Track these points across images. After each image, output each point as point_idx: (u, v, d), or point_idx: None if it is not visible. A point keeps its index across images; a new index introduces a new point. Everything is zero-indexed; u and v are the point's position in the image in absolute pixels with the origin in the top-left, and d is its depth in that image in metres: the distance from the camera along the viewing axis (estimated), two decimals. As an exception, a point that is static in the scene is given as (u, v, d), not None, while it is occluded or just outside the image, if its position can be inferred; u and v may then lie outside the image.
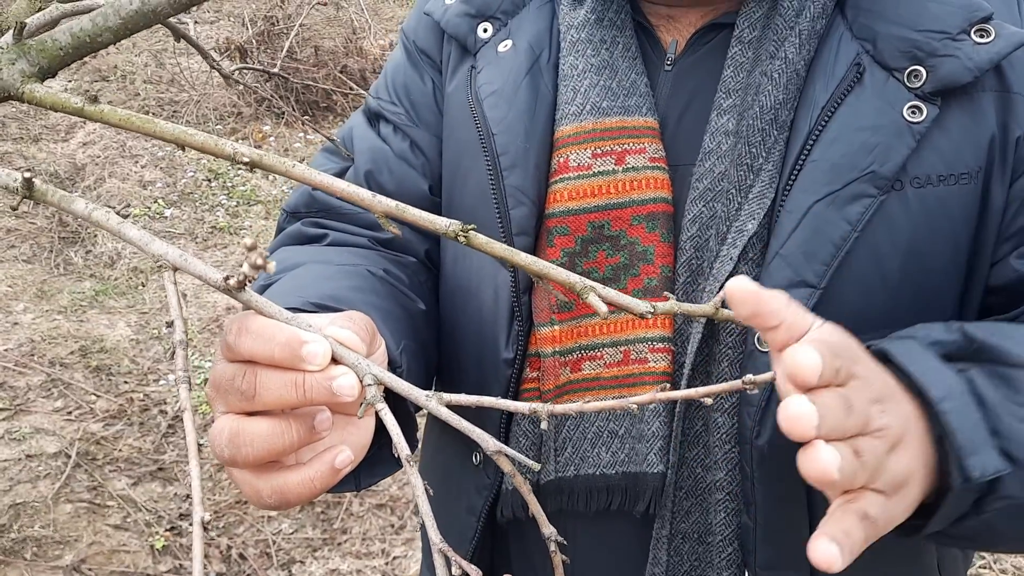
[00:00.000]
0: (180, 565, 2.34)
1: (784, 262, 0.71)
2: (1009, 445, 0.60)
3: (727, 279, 0.69)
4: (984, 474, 0.58)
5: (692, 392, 0.41)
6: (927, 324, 0.70)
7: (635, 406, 0.41)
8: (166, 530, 2.42)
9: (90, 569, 2.29)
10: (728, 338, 0.75)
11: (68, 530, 2.39)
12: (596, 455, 0.79)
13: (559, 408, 0.42)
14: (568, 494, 0.79)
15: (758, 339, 0.72)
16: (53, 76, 0.52)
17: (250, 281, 0.40)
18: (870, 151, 0.70)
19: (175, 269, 0.45)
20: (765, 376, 0.41)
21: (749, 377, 0.40)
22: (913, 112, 0.70)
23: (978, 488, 0.59)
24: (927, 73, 0.70)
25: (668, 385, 0.75)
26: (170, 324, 0.44)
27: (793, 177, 0.72)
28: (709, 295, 0.73)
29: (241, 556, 2.37)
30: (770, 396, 0.72)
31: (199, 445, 0.42)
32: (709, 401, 0.42)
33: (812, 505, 0.75)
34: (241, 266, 0.38)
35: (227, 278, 0.44)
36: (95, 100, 0.49)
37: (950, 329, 0.68)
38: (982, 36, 0.70)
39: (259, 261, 0.38)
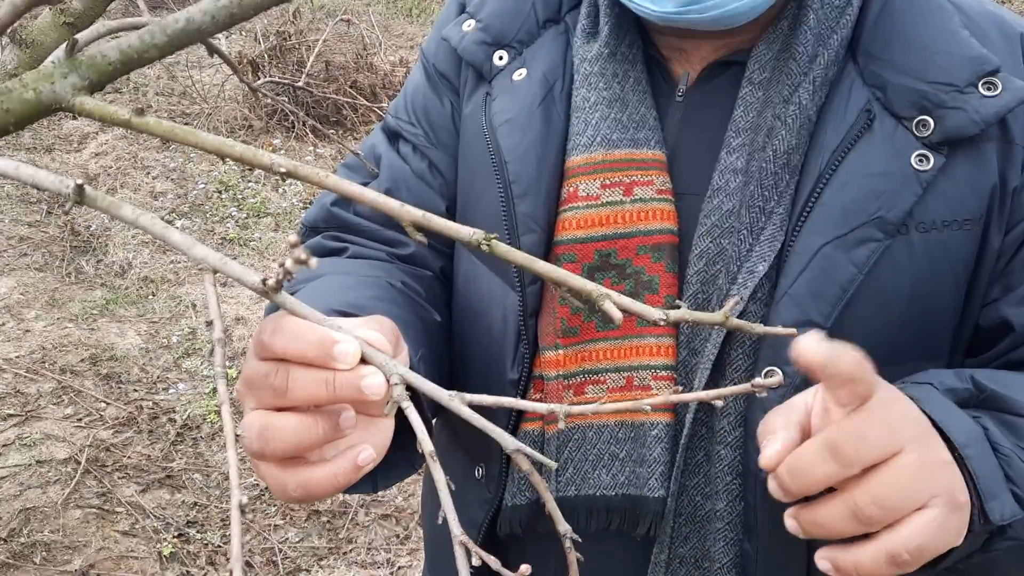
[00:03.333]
0: (187, 572, 2.36)
1: (792, 301, 0.73)
2: (1019, 490, 0.64)
3: (738, 318, 0.72)
4: (1003, 517, 0.63)
5: (703, 395, 0.44)
6: (938, 371, 0.74)
7: (649, 407, 0.44)
8: (174, 537, 2.44)
9: (98, 574, 2.31)
10: (734, 374, 0.76)
11: (77, 535, 2.41)
12: (597, 477, 0.81)
13: (576, 409, 0.45)
14: (568, 513, 0.80)
15: (765, 375, 0.74)
16: (101, 89, 0.55)
17: (290, 278, 0.43)
18: (878, 197, 0.73)
19: (215, 271, 0.48)
20: (772, 380, 0.43)
21: (758, 380, 0.43)
22: (921, 160, 0.73)
23: (988, 529, 0.63)
24: (935, 123, 0.73)
25: (680, 388, 0.78)
26: (210, 323, 0.47)
27: (803, 219, 0.74)
28: (718, 332, 0.76)
29: (247, 564, 2.39)
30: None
31: (236, 435, 0.44)
32: (720, 403, 0.44)
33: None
34: (283, 264, 0.41)
35: (264, 280, 0.47)
36: (141, 113, 0.52)
37: (961, 377, 0.71)
38: (989, 89, 0.72)
39: (302, 256, 0.40)
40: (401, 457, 0.69)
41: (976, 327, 0.78)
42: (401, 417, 0.63)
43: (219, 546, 2.44)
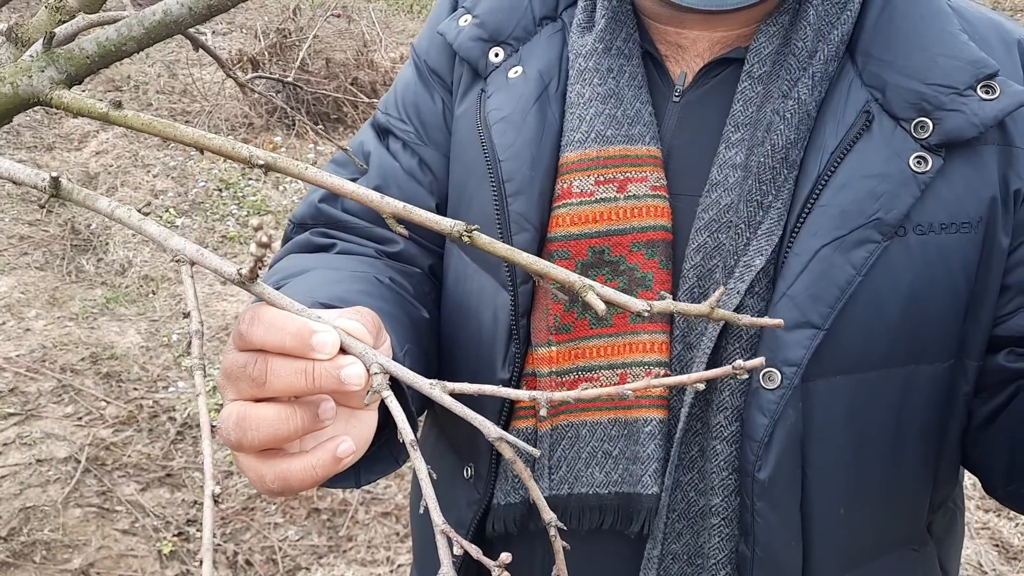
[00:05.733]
0: (187, 570, 2.36)
1: (791, 303, 0.73)
2: None
3: (735, 311, 0.72)
4: None
5: (685, 378, 0.43)
6: None
7: (631, 392, 0.43)
8: (174, 535, 2.44)
9: (98, 573, 2.32)
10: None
11: (77, 534, 2.42)
12: (590, 475, 0.80)
13: (557, 395, 0.44)
14: (561, 512, 0.81)
15: (763, 376, 0.74)
16: (79, 83, 0.55)
17: (262, 264, 0.42)
18: (877, 198, 0.72)
19: (192, 263, 0.48)
20: (754, 362, 0.43)
21: (739, 363, 0.42)
22: (919, 162, 0.73)
23: None
24: (933, 126, 0.72)
25: (665, 371, 0.77)
26: (187, 315, 0.46)
27: (802, 220, 0.74)
28: (714, 326, 0.75)
29: (247, 562, 2.39)
30: (773, 431, 0.74)
31: (212, 426, 0.44)
32: (702, 387, 0.44)
33: (807, 536, 0.77)
34: (251, 249, 0.41)
35: (239, 270, 0.46)
36: (119, 106, 0.52)
37: None
38: (988, 92, 0.72)
39: (264, 239, 0.40)
40: (385, 452, 0.69)
41: (998, 338, 0.77)
42: (385, 412, 0.63)
43: (219, 544, 2.44)
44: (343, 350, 0.49)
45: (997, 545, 2.51)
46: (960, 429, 0.81)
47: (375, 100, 4.64)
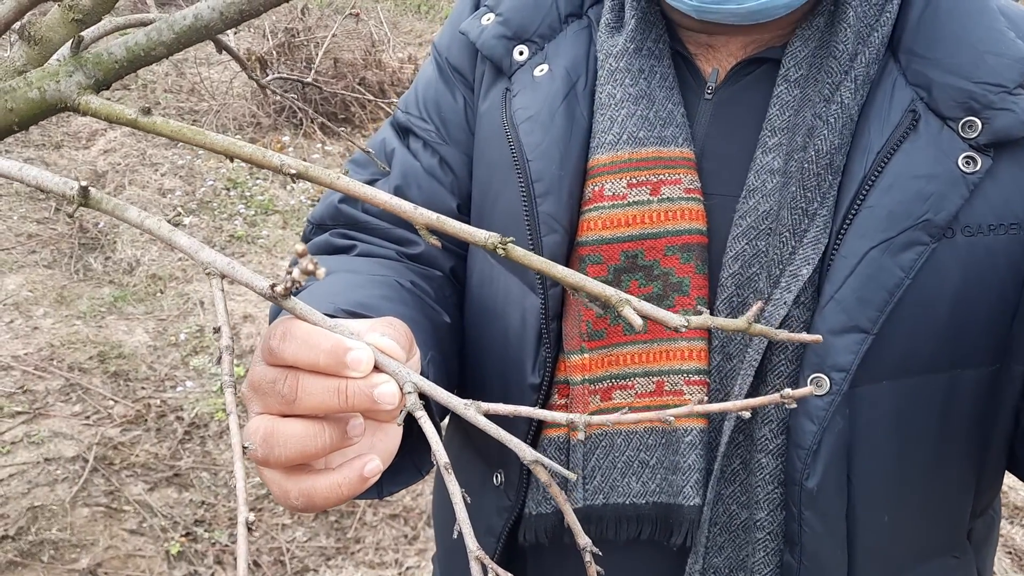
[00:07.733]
0: (195, 571, 2.35)
1: (839, 307, 0.71)
2: None
3: (781, 323, 0.71)
4: None
5: (730, 405, 0.42)
6: None
7: (672, 418, 0.42)
8: (181, 536, 2.43)
9: (106, 573, 2.31)
10: (776, 380, 0.75)
11: (84, 534, 2.41)
12: (626, 484, 0.79)
13: (596, 419, 0.43)
14: (596, 523, 0.79)
15: (811, 382, 0.72)
16: (107, 88, 0.53)
17: (298, 288, 0.41)
18: (925, 199, 0.71)
19: (223, 276, 0.47)
20: (803, 391, 0.42)
21: (788, 391, 0.41)
22: (967, 162, 0.71)
23: None
24: (983, 125, 0.71)
25: (705, 398, 0.76)
26: (217, 330, 0.45)
27: (848, 222, 0.72)
28: (760, 339, 0.73)
29: (255, 563, 2.38)
30: (822, 439, 0.73)
31: (244, 448, 0.43)
32: (747, 415, 0.43)
33: (852, 545, 0.76)
34: (291, 271, 0.40)
35: (273, 285, 0.45)
36: (148, 112, 0.51)
37: None
38: None
39: (310, 266, 0.39)
40: (408, 463, 0.68)
41: None
42: (407, 422, 0.62)
43: (227, 545, 2.43)
44: (376, 367, 0.48)
45: (1010, 552, 2.49)
46: (1006, 435, 0.79)
47: (382, 100, 4.63)
